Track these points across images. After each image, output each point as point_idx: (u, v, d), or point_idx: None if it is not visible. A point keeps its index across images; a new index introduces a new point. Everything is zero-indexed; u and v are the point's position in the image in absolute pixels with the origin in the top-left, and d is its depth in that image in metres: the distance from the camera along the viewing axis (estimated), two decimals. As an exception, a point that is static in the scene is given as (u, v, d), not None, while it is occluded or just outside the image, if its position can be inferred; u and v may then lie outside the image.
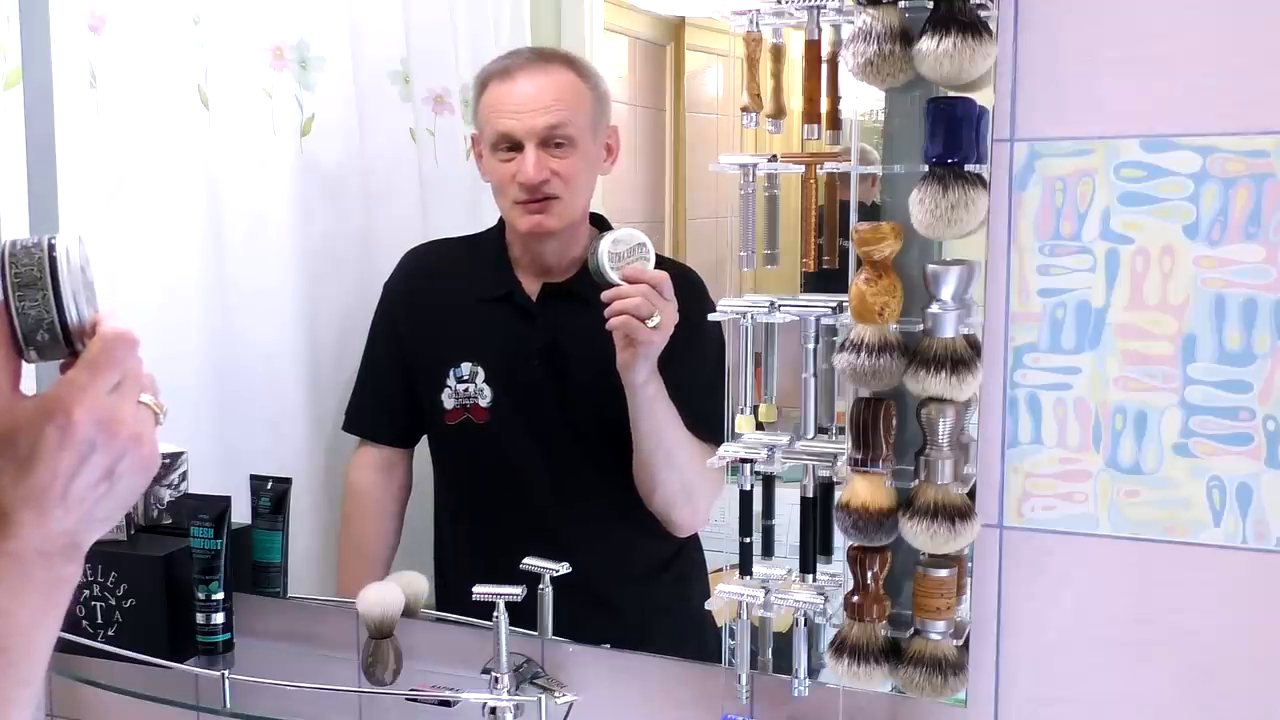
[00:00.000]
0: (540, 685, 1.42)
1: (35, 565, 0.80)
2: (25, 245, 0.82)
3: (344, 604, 1.54)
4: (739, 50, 1.26)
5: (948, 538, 1.15)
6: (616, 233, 1.39)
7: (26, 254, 0.82)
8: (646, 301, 1.36)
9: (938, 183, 1.12)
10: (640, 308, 1.36)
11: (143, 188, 1.65)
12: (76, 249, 0.83)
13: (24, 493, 0.79)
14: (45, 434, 0.79)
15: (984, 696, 1.26)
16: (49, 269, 0.82)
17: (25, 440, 0.79)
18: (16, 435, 0.79)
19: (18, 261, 0.81)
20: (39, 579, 0.80)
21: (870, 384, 1.17)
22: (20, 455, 0.79)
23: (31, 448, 0.79)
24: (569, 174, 1.46)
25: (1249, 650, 1.17)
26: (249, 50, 1.65)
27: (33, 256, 0.82)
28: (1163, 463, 1.17)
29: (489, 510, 1.57)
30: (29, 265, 0.81)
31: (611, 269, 1.37)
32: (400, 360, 1.61)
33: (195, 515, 1.52)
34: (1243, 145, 1.12)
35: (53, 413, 0.79)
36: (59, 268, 0.82)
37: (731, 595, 1.30)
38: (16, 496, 0.79)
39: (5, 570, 0.79)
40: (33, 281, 0.81)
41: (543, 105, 1.45)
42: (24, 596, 0.80)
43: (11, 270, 0.81)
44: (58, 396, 0.80)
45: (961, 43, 1.08)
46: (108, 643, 1.56)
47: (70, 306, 0.82)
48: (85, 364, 0.81)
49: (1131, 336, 1.17)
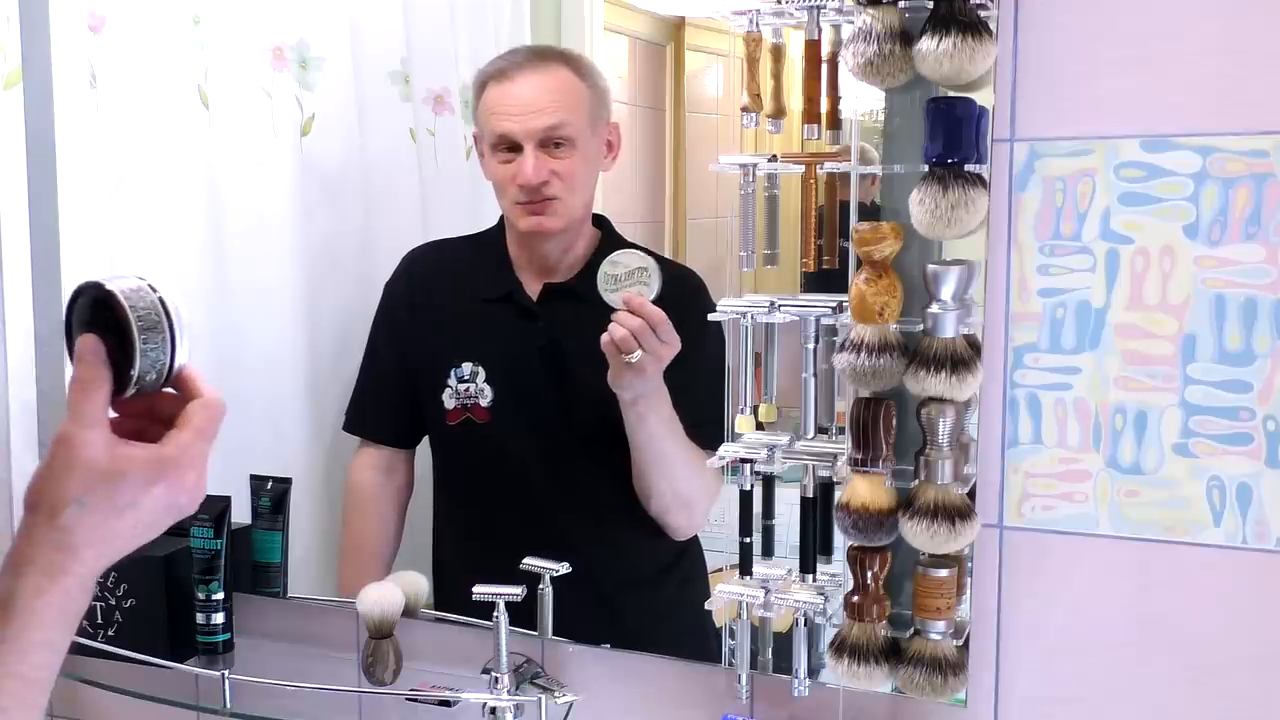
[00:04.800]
0: (540, 685, 1.42)
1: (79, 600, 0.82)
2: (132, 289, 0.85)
3: (344, 604, 1.54)
4: (739, 50, 1.26)
5: (948, 538, 1.15)
6: (617, 254, 1.36)
7: (139, 297, 0.84)
8: (630, 338, 1.33)
9: (938, 183, 1.12)
10: (623, 341, 1.34)
11: (143, 187, 1.65)
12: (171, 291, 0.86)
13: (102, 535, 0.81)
14: (154, 491, 0.82)
15: (984, 696, 1.26)
16: (165, 312, 0.85)
17: (130, 489, 0.81)
18: (121, 483, 0.81)
19: (135, 306, 0.84)
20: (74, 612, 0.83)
21: (870, 384, 1.17)
22: (118, 502, 0.81)
23: (134, 498, 0.82)
24: (568, 174, 1.46)
25: (1249, 650, 1.17)
26: (249, 50, 1.65)
27: (146, 300, 0.84)
28: (1163, 463, 1.17)
29: (489, 510, 1.57)
30: (147, 309, 0.84)
31: (607, 291, 1.35)
32: (401, 361, 1.60)
33: (195, 515, 1.52)
34: (1243, 145, 1.12)
35: (167, 473, 0.82)
36: (172, 312, 0.85)
37: (731, 595, 1.30)
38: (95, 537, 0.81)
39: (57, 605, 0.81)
40: (154, 325, 0.84)
41: (540, 106, 1.45)
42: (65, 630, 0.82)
43: (134, 313, 0.83)
44: (175, 460, 0.83)
45: (961, 43, 1.08)
46: (108, 643, 1.56)
47: (180, 350, 0.85)
48: (196, 430, 0.85)
49: (1131, 336, 1.17)
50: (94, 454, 0.81)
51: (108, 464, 0.81)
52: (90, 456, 0.81)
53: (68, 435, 0.81)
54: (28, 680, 0.79)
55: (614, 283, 1.34)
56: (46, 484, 0.81)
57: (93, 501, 0.80)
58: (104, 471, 0.81)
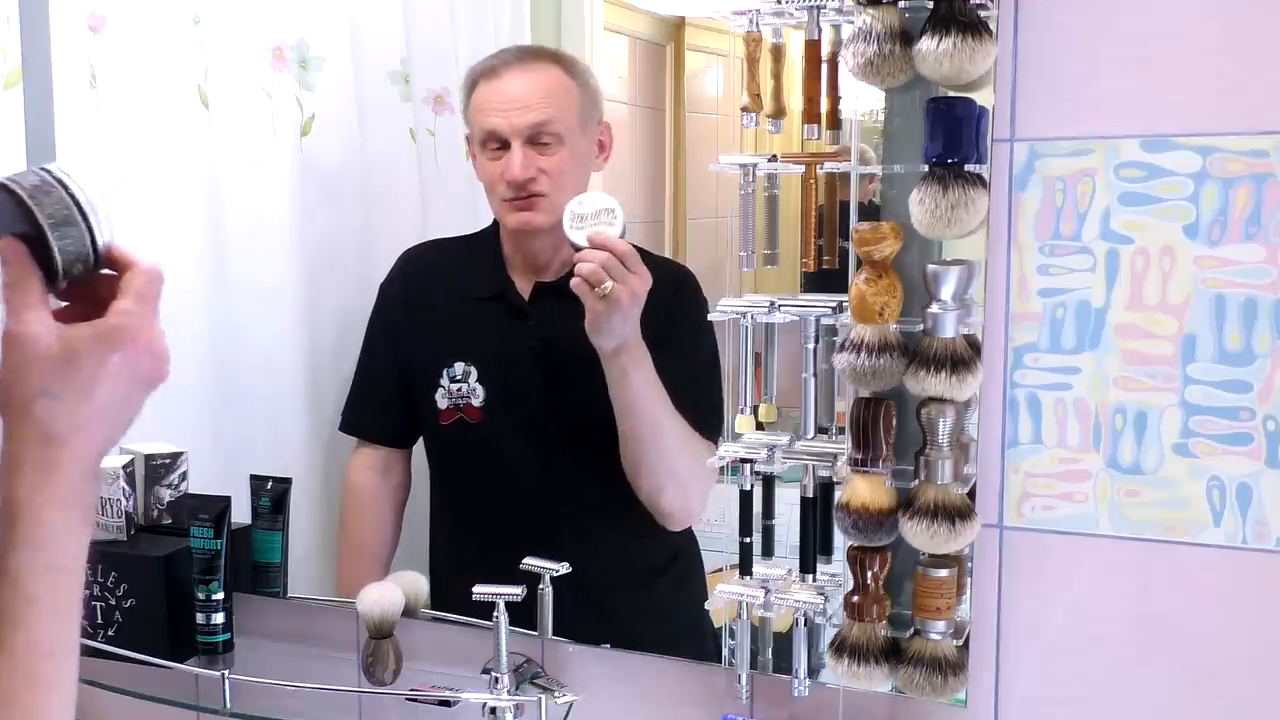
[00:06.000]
0: (540, 685, 1.42)
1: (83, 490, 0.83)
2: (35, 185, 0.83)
3: (344, 604, 1.54)
4: (739, 50, 1.26)
5: (948, 538, 1.15)
6: (581, 195, 1.37)
7: (44, 193, 0.83)
8: (599, 270, 1.33)
9: (938, 183, 1.12)
10: (592, 274, 1.33)
11: (143, 187, 1.65)
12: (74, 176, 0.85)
13: (80, 418, 0.82)
14: (110, 362, 0.82)
15: (984, 696, 1.26)
16: (74, 203, 0.83)
17: (88, 366, 0.82)
18: (77, 361, 0.82)
19: (41, 203, 0.83)
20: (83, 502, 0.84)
21: (870, 384, 1.17)
22: (81, 381, 0.82)
23: (93, 374, 0.82)
24: (556, 171, 1.46)
25: (1249, 650, 1.17)
26: (249, 50, 1.65)
27: (53, 195, 0.83)
28: (1163, 463, 1.17)
29: (483, 510, 1.57)
30: (55, 204, 0.83)
31: (573, 229, 1.34)
32: (396, 361, 1.61)
33: (195, 515, 1.52)
34: (1243, 145, 1.12)
35: (117, 341, 0.83)
36: (80, 200, 0.84)
37: (731, 595, 1.30)
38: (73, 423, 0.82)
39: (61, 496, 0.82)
40: (65, 219, 0.83)
41: (528, 103, 1.45)
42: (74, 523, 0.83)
43: (42, 212, 0.82)
44: (122, 327, 0.83)
45: (961, 43, 1.08)
46: (108, 643, 1.56)
47: (100, 236, 0.84)
48: (136, 296, 0.85)
49: (1131, 336, 1.17)
50: (44, 343, 0.81)
51: (60, 349, 0.81)
52: (42, 347, 0.81)
53: (13, 333, 0.82)
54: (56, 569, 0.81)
55: (579, 221, 1.34)
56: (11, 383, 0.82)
57: (58, 389, 0.81)
58: (57, 357, 0.81)
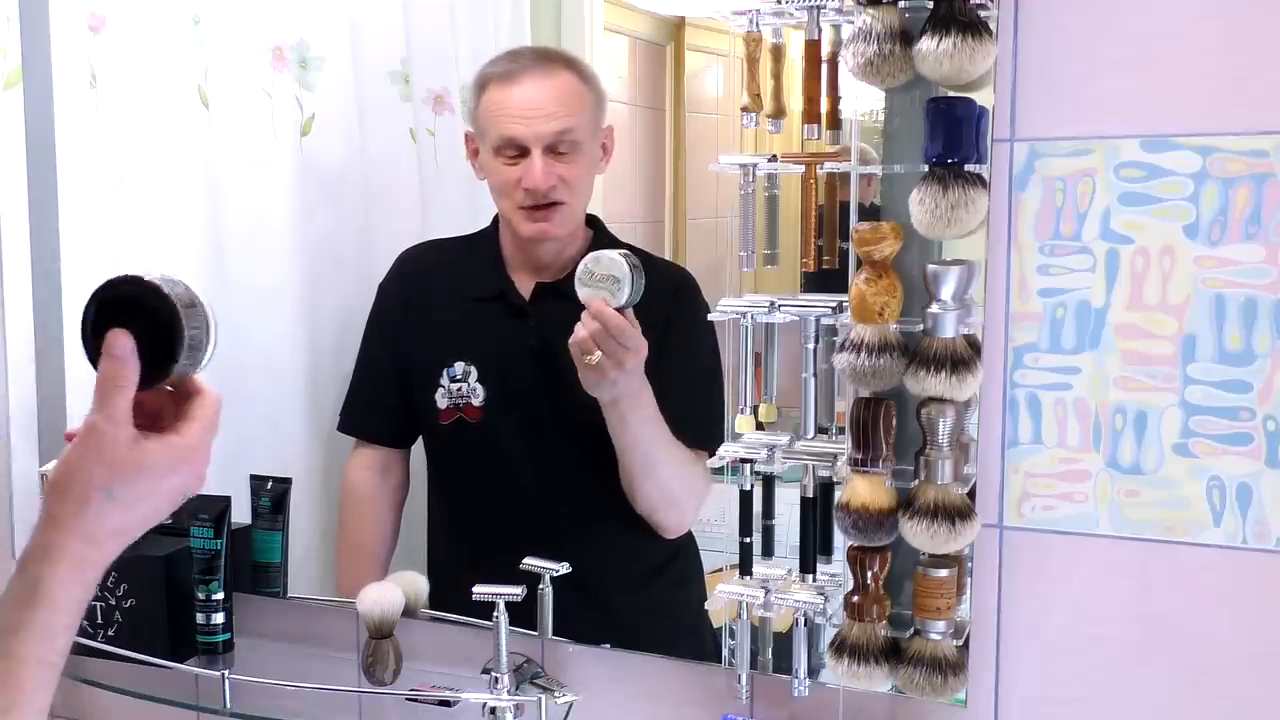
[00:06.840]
0: (540, 685, 1.42)
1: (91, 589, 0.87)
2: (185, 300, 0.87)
3: (344, 604, 1.54)
4: (739, 50, 1.26)
5: (948, 538, 1.15)
6: (602, 253, 1.34)
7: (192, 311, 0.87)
8: (588, 340, 1.33)
9: (938, 183, 1.12)
10: (581, 344, 1.34)
11: (143, 187, 1.65)
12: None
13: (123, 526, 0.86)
14: (171, 481, 0.87)
15: (984, 696, 1.26)
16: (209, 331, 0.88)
17: (149, 481, 0.86)
18: (143, 476, 0.86)
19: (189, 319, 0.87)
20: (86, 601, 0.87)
21: (870, 384, 1.17)
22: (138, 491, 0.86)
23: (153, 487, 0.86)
24: (574, 179, 1.45)
25: (1249, 650, 1.17)
26: (249, 50, 1.65)
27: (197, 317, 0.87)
28: (1163, 463, 1.17)
29: (483, 510, 1.57)
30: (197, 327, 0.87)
31: (580, 284, 1.34)
32: (394, 361, 1.60)
33: (195, 515, 1.52)
34: (1243, 145, 1.12)
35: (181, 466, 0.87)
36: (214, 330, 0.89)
37: (731, 595, 1.30)
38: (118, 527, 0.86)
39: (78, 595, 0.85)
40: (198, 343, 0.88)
41: (549, 111, 1.44)
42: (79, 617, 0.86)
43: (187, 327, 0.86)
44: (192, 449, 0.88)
45: (961, 43, 1.08)
46: (108, 643, 1.56)
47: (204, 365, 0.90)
48: (205, 425, 0.89)
49: (1131, 336, 1.17)
50: (122, 447, 0.85)
51: (132, 456, 0.85)
52: (121, 450, 0.84)
53: (97, 428, 0.84)
54: (49, 665, 0.84)
55: (589, 278, 1.34)
56: (77, 472, 0.85)
57: (119, 493, 0.84)
58: (128, 462, 0.85)
